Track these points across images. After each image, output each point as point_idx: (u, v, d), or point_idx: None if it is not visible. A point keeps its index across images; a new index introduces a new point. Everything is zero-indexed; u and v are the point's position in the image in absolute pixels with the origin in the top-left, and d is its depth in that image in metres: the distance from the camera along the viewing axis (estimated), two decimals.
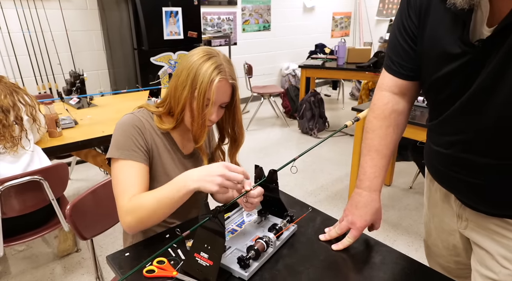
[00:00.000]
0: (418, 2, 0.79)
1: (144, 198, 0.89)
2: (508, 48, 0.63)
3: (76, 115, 2.10)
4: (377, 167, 0.92)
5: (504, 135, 0.70)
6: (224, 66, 0.96)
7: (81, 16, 3.53)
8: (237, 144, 1.12)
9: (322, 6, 5.97)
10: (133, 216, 0.89)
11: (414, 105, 0.97)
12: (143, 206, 0.88)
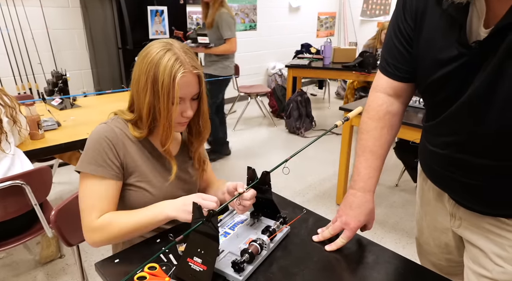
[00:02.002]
0: (414, 6, 0.79)
1: (117, 219, 0.90)
2: (506, 49, 0.63)
3: (59, 117, 2.03)
4: (371, 168, 0.92)
5: (501, 138, 0.71)
6: (183, 57, 0.89)
7: (63, 14, 3.43)
8: (201, 138, 1.08)
9: (307, 6, 6.00)
10: (101, 234, 0.90)
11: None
12: (116, 227, 0.89)
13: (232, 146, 3.73)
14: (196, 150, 1.11)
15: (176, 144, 1.09)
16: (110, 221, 0.90)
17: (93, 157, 0.91)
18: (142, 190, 0.98)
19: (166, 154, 1.01)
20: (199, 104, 1.00)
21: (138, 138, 0.98)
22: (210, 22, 2.81)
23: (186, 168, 1.10)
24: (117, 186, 0.95)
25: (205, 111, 1.02)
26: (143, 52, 0.92)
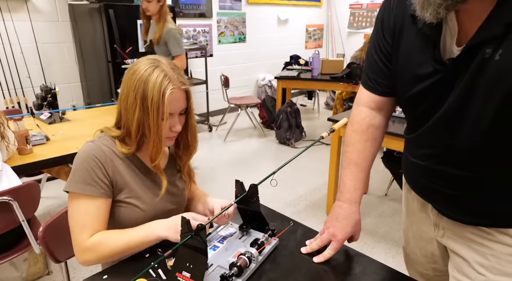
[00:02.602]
0: (391, 23, 0.83)
1: (109, 239, 0.91)
2: (476, 67, 0.66)
3: (48, 131, 2.03)
4: (357, 180, 0.94)
5: (475, 152, 0.74)
6: (171, 73, 0.92)
7: (52, 28, 3.44)
8: (190, 152, 1.09)
9: (295, 18, 6.11)
10: (93, 254, 0.90)
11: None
12: (107, 247, 0.90)
13: (223, 157, 3.74)
14: (185, 164, 1.12)
15: (165, 158, 1.10)
16: (101, 241, 0.91)
17: (82, 176, 0.91)
18: (132, 206, 0.98)
19: (156, 169, 1.01)
20: (187, 119, 1.01)
21: (126, 155, 0.98)
22: (158, 38, 2.71)
23: (174, 181, 1.10)
24: (107, 204, 0.95)
25: (193, 125, 1.05)
26: (130, 70, 0.93)
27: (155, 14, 2.68)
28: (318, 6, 6.50)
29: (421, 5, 0.66)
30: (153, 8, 2.63)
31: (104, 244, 0.90)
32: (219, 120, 4.85)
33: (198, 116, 4.71)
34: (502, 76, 0.64)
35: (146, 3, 2.61)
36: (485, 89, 0.67)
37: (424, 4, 0.65)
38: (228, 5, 5.06)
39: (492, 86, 0.66)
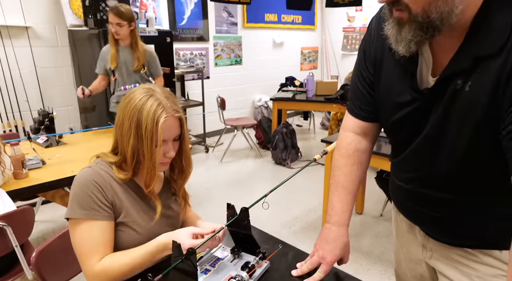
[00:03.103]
0: (372, 55, 0.88)
1: (116, 262, 0.92)
2: (450, 96, 0.71)
3: (44, 155, 2.05)
4: (344, 203, 0.96)
5: (452, 176, 0.78)
6: (165, 102, 0.94)
7: (52, 53, 3.52)
8: (185, 176, 1.12)
9: (290, 41, 6.27)
10: (104, 278, 0.91)
11: (380, 136, 1.04)
12: (116, 269, 0.91)
13: (219, 178, 3.75)
14: (180, 188, 1.14)
15: (160, 182, 1.12)
16: (110, 264, 0.92)
17: (83, 202, 0.93)
18: (130, 229, 1.00)
19: (150, 194, 1.03)
20: (181, 144, 1.04)
21: (123, 180, 1.00)
22: (142, 63, 2.66)
23: (169, 204, 1.12)
24: (111, 226, 0.96)
25: (187, 150, 1.08)
26: (126, 98, 0.97)
27: (126, 39, 2.59)
28: (313, 29, 6.69)
29: (394, 40, 0.71)
30: (124, 33, 2.52)
31: (111, 268, 0.91)
32: (216, 141, 4.89)
33: (194, 137, 4.74)
34: (472, 107, 0.68)
35: (117, 27, 2.49)
36: (458, 118, 0.71)
37: (397, 40, 0.70)
38: (224, 29, 5.20)
39: (464, 116, 0.70)
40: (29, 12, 3.27)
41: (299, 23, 6.35)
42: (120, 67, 2.64)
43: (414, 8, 0.64)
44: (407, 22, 0.67)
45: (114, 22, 2.48)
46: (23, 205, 1.58)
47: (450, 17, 0.64)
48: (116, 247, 0.99)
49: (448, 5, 0.62)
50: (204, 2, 4.77)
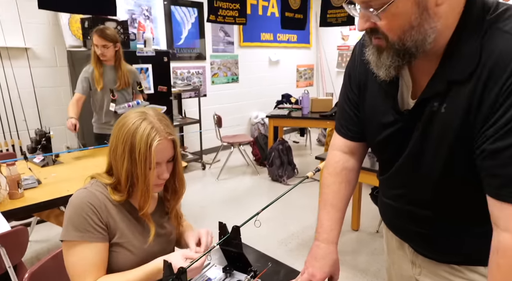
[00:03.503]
0: (357, 78, 0.92)
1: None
2: (427, 117, 0.74)
3: (40, 174, 2.06)
4: (333, 220, 0.98)
5: (433, 194, 0.81)
6: (158, 125, 0.96)
7: (50, 73, 3.57)
8: (178, 196, 1.13)
9: (286, 59, 6.39)
10: None
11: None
12: None
13: (216, 195, 3.75)
14: (173, 208, 1.15)
15: (154, 201, 1.13)
16: None
17: (78, 224, 0.94)
18: (124, 250, 1.00)
19: (144, 217, 1.04)
20: (174, 165, 1.06)
21: (118, 202, 1.01)
22: (126, 81, 2.71)
23: (162, 223, 1.13)
24: (105, 248, 0.97)
25: (180, 171, 1.09)
26: (119, 123, 0.99)
27: (111, 59, 2.64)
28: (308, 47, 6.82)
29: (375, 65, 0.75)
30: (110, 53, 2.58)
31: None
32: (213, 158, 4.91)
33: (191, 154, 4.76)
34: (447, 128, 0.71)
35: (103, 49, 2.54)
36: (435, 138, 0.74)
37: (377, 65, 0.74)
38: (221, 48, 5.30)
39: (440, 136, 0.73)
40: (29, 34, 3.35)
41: (294, 41, 6.49)
42: (106, 86, 2.68)
43: (391, 36, 0.68)
44: (385, 49, 0.71)
45: (100, 44, 2.53)
46: (18, 225, 1.59)
47: (424, 45, 0.68)
48: (111, 268, 0.99)
49: (421, 34, 0.67)
50: (201, 22, 4.88)
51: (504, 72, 0.62)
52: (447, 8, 0.66)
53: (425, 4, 0.64)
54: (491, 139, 0.65)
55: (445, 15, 0.66)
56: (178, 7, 4.61)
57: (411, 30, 0.66)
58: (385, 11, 0.64)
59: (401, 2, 0.63)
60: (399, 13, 0.65)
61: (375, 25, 0.69)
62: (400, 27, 0.66)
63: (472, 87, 0.67)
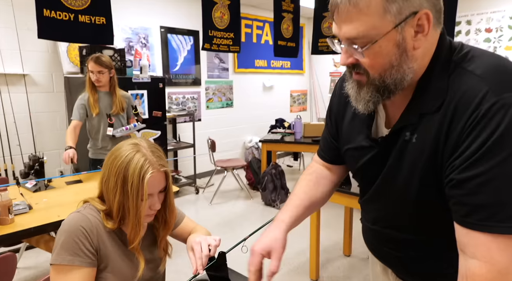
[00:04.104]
0: (336, 109, 0.99)
1: None
2: (399, 146, 0.80)
3: (32, 199, 2.06)
4: (290, 205, 1.01)
5: (407, 218, 0.85)
6: (151, 157, 0.97)
7: (47, 99, 3.64)
8: (168, 227, 1.14)
9: (280, 85, 6.54)
10: None
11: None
12: None
13: (209, 220, 3.73)
14: (163, 239, 1.16)
15: (143, 227, 1.14)
16: None
17: (69, 248, 0.94)
18: (113, 277, 1.01)
19: (133, 250, 1.05)
20: (165, 196, 1.08)
21: (110, 229, 1.02)
22: (121, 106, 2.79)
23: (153, 250, 1.15)
24: (92, 273, 0.97)
25: (172, 202, 1.11)
26: (112, 154, 1.01)
27: (106, 85, 2.73)
28: (301, 73, 7.01)
29: (354, 99, 0.80)
30: (105, 79, 2.68)
31: None
32: (206, 182, 4.91)
33: (185, 178, 4.77)
34: (418, 156, 0.76)
35: (98, 75, 2.63)
36: (408, 166, 0.79)
37: (357, 99, 0.80)
38: (216, 74, 5.44)
39: (412, 164, 0.78)
40: (28, 61, 3.44)
41: (288, 68, 6.67)
42: (102, 111, 2.74)
43: (372, 73, 0.74)
44: (365, 84, 0.77)
45: (96, 70, 2.63)
46: (6, 251, 1.58)
47: (402, 83, 0.74)
48: None
49: (400, 74, 0.73)
50: (196, 49, 5.03)
51: (468, 108, 0.68)
52: (423, 51, 0.73)
53: (405, 47, 0.70)
54: (458, 169, 0.69)
55: (421, 57, 0.73)
56: (174, 35, 4.76)
57: (391, 69, 0.72)
58: (368, 49, 0.70)
59: (383, 43, 0.69)
60: (381, 53, 0.70)
61: (357, 61, 0.75)
62: (381, 65, 0.72)
63: (440, 120, 0.72)
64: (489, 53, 0.74)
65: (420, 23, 0.68)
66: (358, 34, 0.69)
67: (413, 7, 0.66)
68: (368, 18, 0.67)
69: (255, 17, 5.87)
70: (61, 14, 2.46)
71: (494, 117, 0.64)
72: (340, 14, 0.69)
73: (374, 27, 0.67)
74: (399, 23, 0.67)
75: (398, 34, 0.68)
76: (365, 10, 0.66)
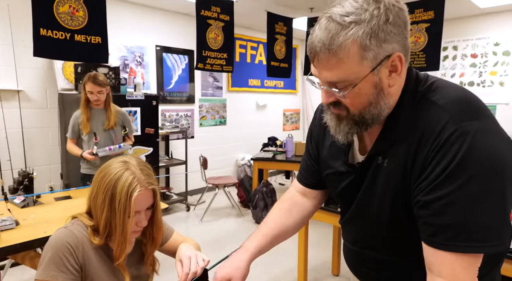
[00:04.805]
0: (316, 135, 1.05)
1: None
2: (372, 171, 0.85)
3: (19, 215, 2.06)
4: (259, 233, 1.04)
5: (387, 237, 0.89)
6: (140, 175, 0.99)
7: (40, 114, 3.66)
8: (154, 244, 1.15)
9: (273, 104, 6.64)
10: None
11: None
12: None
13: (198, 238, 3.70)
14: (150, 255, 1.17)
15: (131, 244, 1.15)
16: None
17: (54, 264, 0.95)
18: None
19: (119, 267, 1.06)
20: (153, 213, 1.10)
21: (97, 245, 1.03)
22: (114, 122, 2.84)
23: (140, 267, 1.16)
24: None
25: (159, 219, 1.12)
26: (101, 172, 1.03)
27: (102, 103, 2.80)
28: (294, 93, 7.13)
29: (334, 130, 0.85)
30: (103, 98, 2.76)
31: None
32: (198, 199, 4.90)
33: (176, 195, 4.76)
34: (389, 180, 0.82)
35: (99, 95, 2.71)
36: (380, 189, 0.84)
37: (336, 130, 0.85)
38: (210, 92, 5.52)
39: (384, 187, 0.83)
40: (23, 77, 3.48)
41: (281, 87, 6.79)
42: (93, 129, 2.79)
43: (352, 110, 0.80)
44: (345, 118, 0.82)
45: (96, 91, 2.69)
46: None
47: (379, 118, 0.81)
48: None
49: (377, 109, 0.79)
50: (191, 68, 5.13)
51: (431, 135, 0.74)
52: (397, 87, 0.79)
53: (381, 86, 0.76)
54: (424, 191, 0.74)
55: (395, 93, 0.80)
56: (170, 54, 4.86)
57: (369, 106, 0.78)
58: (348, 91, 0.76)
59: (362, 85, 0.74)
60: (360, 93, 0.76)
61: (338, 99, 0.80)
62: (360, 103, 0.78)
63: (408, 146, 0.78)
64: (453, 85, 0.81)
65: (394, 64, 0.75)
66: (338, 79, 0.75)
67: (387, 51, 0.72)
68: (347, 66, 0.72)
69: (250, 38, 6.02)
70: (57, 33, 2.53)
71: (454, 144, 0.70)
72: (320, 61, 0.75)
73: (353, 73, 0.73)
74: (375, 67, 0.73)
75: (375, 76, 0.74)
76: (344, 59, 0.71)
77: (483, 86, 4.98)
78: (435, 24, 3.77)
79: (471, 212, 0.69)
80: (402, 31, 0.72)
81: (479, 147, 0.69)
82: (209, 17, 3.73)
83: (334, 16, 0.71)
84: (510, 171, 0.70)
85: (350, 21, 0.69)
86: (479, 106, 0.75)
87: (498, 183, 0.69)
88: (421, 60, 3.92)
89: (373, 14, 0.69)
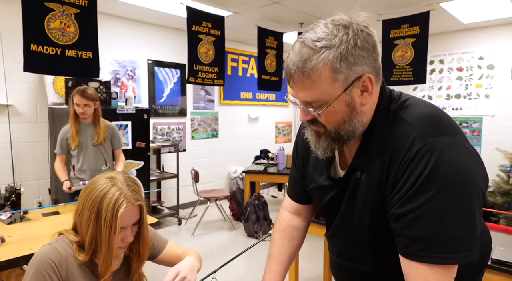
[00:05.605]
0: (301, 151, 1.08)
1: None
2: (352, 185, 0.88)
3: (5, 232, 2.03)
4: (273, 273, 1.05)
5: (369, 250, 0.90)
6: (126, 191, 1.00)
7: (29, 129, 3.64)
8: (140, 260, 1.15)
9: (265, 116, 6.69)
10: None
11: None
12: None
13: None
14: (135, 271, 1.16)
15: (118, 260, 1.15)
16: None
17: None
18: None
19: None
20: (139, 229, 1.09)
21: (82, 261, 1.03)
22: (104, 137, 2.82)
23: None
24: None
25: (145, 235, 1.12)
26: (87, 188, 1.03)
27: (90, 117, 2.78)
28: (286, 106, 7.19)
29: (313, 146, 0.89)
30: (90, 112, 2.73)
31: None
32: (189, 212, 4.86)
33: (168, 209, 4.72)
34: (367, 194, 0.84)
35: (85, 108, 2.67)
36: (360, 202, 0.86)
37: (316, 146, 0.88)
38: (202, 106, 5.55)
39: (363, 200, 0.85)
40: (13, 91, 3.48)
41: (273, 100, 6.85)
42: (82, 143, 2.77)
43: (328, 127, 0.84)
44: (323, 135, 0.86)
45: (82, 104, 2.67)
46: None
47: (354, 134, 0.84)
48: None
49: (352, 127, 0.83)
50: (183, 81, 5.16)
51: (401, 151, 0.78)
52: (369, 106, 0.83)
53: (354, 105, 0.80)
54: (396, 204, 0.77)
55: (368, 111, 0.84)
56: (161, 68, 4.90)
57: (344, 124, 0.82)
58: (323, 110, 0.79)
59: (335, 104, 0.79)
60: (335, 112, 0.80)
61: (315, 117, 0.84)
62: (335, 121, 0.82)
63: (382, 161, 0.81)
64: (423, 103, 0.85)
65: (365, 85, 0.79)
66: (313, 99, 0.79)
67: (357, 73, 0.76)
68: (320, 87, 0.76)
69: (241, 52, 6.10)
70: (48, 49, 2.55)
71: (422, 159, 0.73)
72: (295, 82, 0.79)
73: (326, 93, 0.77)
74: (347, 88, 0.77)
75: (347, 96, 0.78)
76: (317, 81, 0.76)
77: (470, 99, 5.09)
78: (421, 39, 3.88)
79: (441, 224, 0.71)
80: (371, 54, 0.76)
81: (446, 161, 0.72)
82: (200, 32, 3.79)
83: (306, 41, 0.75)
84: (477, 185, 0.72)
85: (321, 46, 0.74)
86: (447, 123, 0.79)
87: (466, 197, 0.72)
88: (408, 74, 4.01)
89: (342, 40, 0.73)
